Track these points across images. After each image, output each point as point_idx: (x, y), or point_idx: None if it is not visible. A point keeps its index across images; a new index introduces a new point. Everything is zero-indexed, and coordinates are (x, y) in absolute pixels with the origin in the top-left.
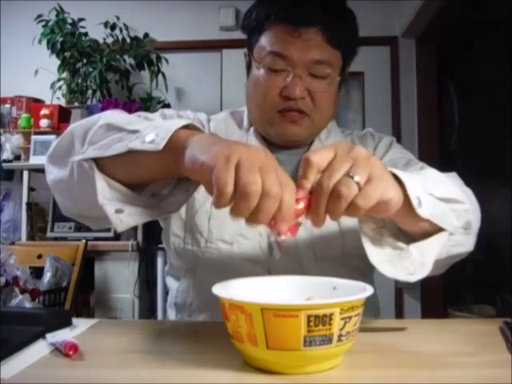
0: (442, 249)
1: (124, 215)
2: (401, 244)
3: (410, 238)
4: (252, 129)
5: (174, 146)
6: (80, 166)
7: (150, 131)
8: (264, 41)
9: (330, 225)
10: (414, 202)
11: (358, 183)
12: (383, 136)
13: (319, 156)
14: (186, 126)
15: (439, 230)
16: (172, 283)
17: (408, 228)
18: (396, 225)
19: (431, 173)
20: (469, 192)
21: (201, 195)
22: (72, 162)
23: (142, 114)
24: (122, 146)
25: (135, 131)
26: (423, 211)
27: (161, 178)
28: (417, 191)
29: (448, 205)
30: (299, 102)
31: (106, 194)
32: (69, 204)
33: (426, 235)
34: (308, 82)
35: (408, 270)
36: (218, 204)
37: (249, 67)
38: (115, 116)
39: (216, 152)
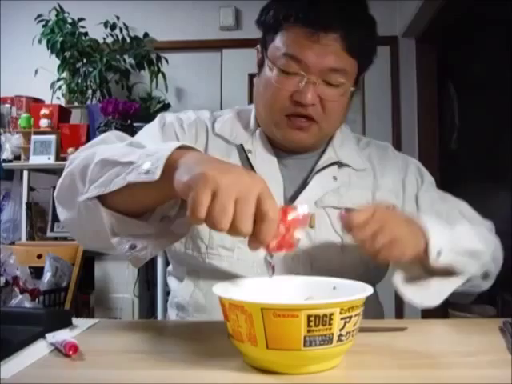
0: (459, 287)
1: (138, 250)
2: (424, 275)
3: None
4: (258, 130)
5: (168, 171)
6: (86, 206)
7: (144, 160)
8: (280, 41)
9: (331, 238)
10: (433, 254)
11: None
12: (407, 157)
13: (359, 218)
14: (179, 147)
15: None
16: (174, 283)
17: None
18: None
19: (461, 224)
20: (495, 241)
21: None
22: (78, 203)
23: (134, 141)
24: (120, 180)
25: (130, 163)
26: (440, 262)
27: (164, 202)
28: (440, 244)
29: (470, 257)
30: (309, 109)
31: (115, 228)
32: (85, 240)
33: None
34: (321, 89)
35: (422, 299)
36: (190, 221)
37: (260, 65)
38: (109, 150)
39: (198, 174)
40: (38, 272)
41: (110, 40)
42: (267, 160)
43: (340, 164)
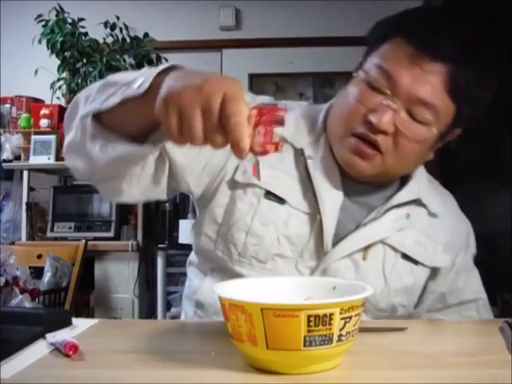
0: None
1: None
2: None
3: None
4: (324, 136)
5: (154, 92)
6: (83, 124)
7: (139, 79)
8: (379, 53)
9: (375, 278)
10: None
11: None
12: (465, 219)
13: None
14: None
15: None
16: (196, 278)
17: None
18: None
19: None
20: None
21: (244, 205)
22: (77, 122)
23: (153, 68)
24: (116, 97)
25: (128, 83)
26: None
27: (156, 126)
28: None
29: None
30: (379, 136)
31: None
32: (80, 165)
33: None
34: (401, 118)
35: None
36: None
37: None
38: (118, 75)
39: (163, 96)
40: (38, 272)
41: (109, 40)
42: (329, 171)
43: (418, 203)
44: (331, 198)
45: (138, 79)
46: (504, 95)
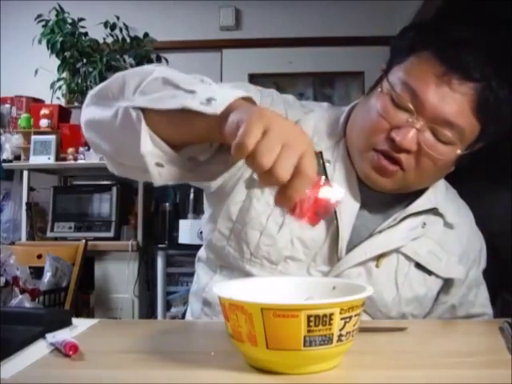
0: None
1: (163, 170)
2: None
3: None
4: (343, 141)
5: (225, 112)
6: (126, 113)
7: (208, 94)
8: (405, 66)
9: (387, 285)
10: None
11: None
12: (480, 234)
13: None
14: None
15: None
16: (205, 275)
17: None
18: None
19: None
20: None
21: (260, 204)
22: (119, 106)
23: (198, 76)
24: (176, 102)
25: (192, 91)
26: None
27: (202, 142)
28: None
29: None
30: (402, 154)
31: (147, 147)
32: (104, 145)
33: None
34: (424, 137)
35: None
36: (234, 152)
37: (376, 84)
38: (171, 72)
39: (254, 111)
40: (38, 272)
41: (110, 40)
42: (348, 177)
43: (435, 212)
44: (348, 204)
45: (204, 91)
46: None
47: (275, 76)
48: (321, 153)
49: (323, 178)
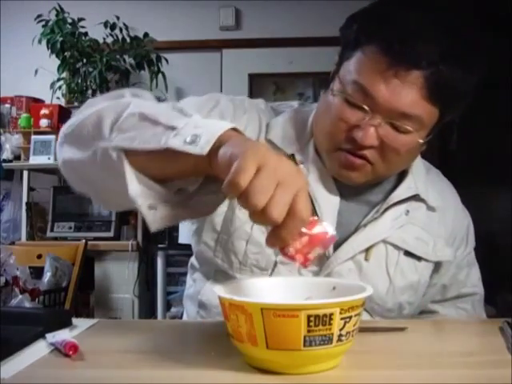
0: None
1: (158, 213)
2: None
3: None
4: (312, 142)
5: (213, 147)
6: (106, 154)
7: (191, 131)
8: (353, 64)
9: (380, 277)
10: None
11: None
12: (465, 210)
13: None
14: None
15: None
16: (199, 279)
17: None
18: None
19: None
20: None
21: (243, 213)
22: (97, 147)
23: (177, 105)
24: (157, 142)
25: (173, 128)
26: None
27: (188, 176)
28: None
29: None
30: (365, 150)
31: (135, 188)
32: (86, 185)
33: None
34: (384, 131)
35: None
36: (226, 190)
37: (332, 78)
38: (147, 104)
39: (248, 147)
40: (38, 272)
41: (110, 40)
42: (322, 176)
43: (417, 198)
44: (328, 202)
45: (187, 131)
46: (504, 95)
47: (275, 76)
48: (293, 155)
49: (316, 217)
